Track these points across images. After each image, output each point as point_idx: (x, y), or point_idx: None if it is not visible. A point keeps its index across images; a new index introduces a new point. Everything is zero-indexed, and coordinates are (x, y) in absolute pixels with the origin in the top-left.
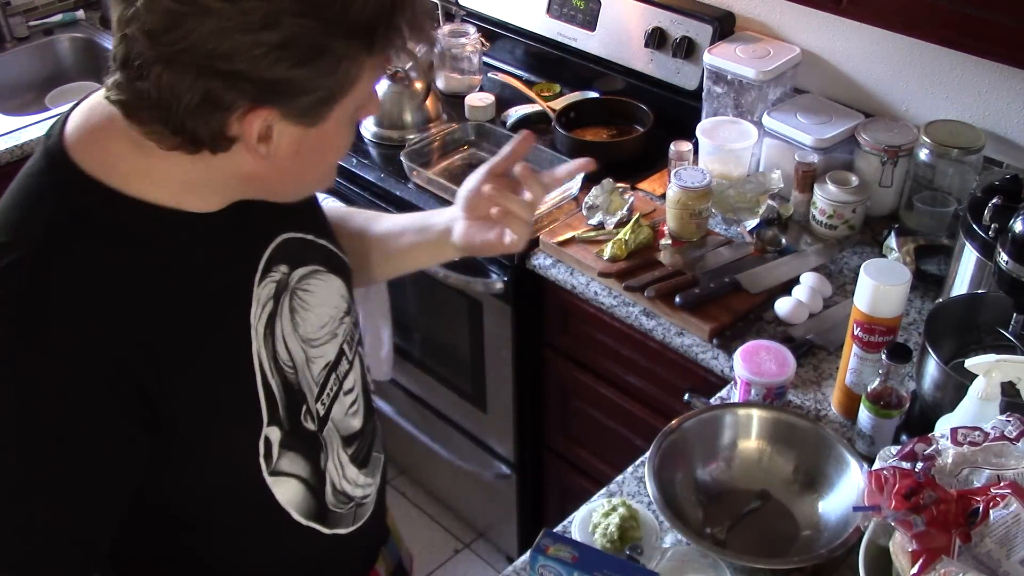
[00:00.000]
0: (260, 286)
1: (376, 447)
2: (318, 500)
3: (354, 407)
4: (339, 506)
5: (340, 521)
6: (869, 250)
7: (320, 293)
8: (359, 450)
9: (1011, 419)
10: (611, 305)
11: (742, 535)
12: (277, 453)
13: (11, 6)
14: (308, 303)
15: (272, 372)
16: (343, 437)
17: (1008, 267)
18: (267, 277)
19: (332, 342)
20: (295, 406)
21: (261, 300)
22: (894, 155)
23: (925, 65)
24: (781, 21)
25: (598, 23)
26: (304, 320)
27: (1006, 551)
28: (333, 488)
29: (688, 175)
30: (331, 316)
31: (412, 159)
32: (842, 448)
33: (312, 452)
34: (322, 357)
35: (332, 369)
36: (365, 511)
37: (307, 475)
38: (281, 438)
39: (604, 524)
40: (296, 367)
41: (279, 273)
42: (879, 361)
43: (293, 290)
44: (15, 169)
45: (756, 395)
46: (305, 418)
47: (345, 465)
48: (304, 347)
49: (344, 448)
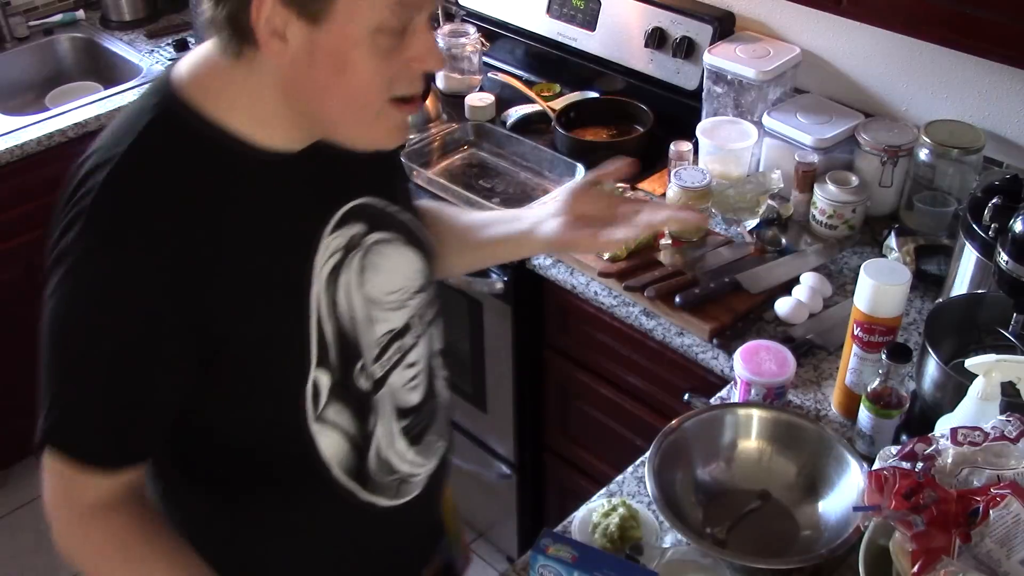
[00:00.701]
0: (331, 236)
1: (436, 431)
2: (360, 460)
3: (414, 382)
4: (381, 474)
5: (380, 490)
6: (869, 250)
7: (394, 260)
8: (413, 426)
9: (1011, 419)
10: (611, 305)
11: (742, 535)
12: (325, 399)
13: (11, 6)
14: (379, 266)
15: (328, 317)
16: (398, 408)
17: (1008, 267)
18: (340, 230)
19: (400, 312)
20: (349, 359)
21: (330, 248)
22: (894, 155)
23: (925, 65)
24: (781, 21)
25: (598, 23)
26: (372, 281)
27: (1006, 551)
28: (378, 455)
29: (688, 175)
30: (402, 286)
31: (412, 159)
32: (842, 448)
33: (361, 410)
34: (386, 322)
35: (397, 338)
36: (410, 489)
37: (352, 431)
38: (331, 386)
39: (604, 524)
40: (355, 321)
41: (354, 229)
42: (879, 361)
43: (367, 249)
44: (15, 169)
45: (756, 395)
46: (359, 376)
47: (395, 436)
48: (367, 306)
49: (397, 419)
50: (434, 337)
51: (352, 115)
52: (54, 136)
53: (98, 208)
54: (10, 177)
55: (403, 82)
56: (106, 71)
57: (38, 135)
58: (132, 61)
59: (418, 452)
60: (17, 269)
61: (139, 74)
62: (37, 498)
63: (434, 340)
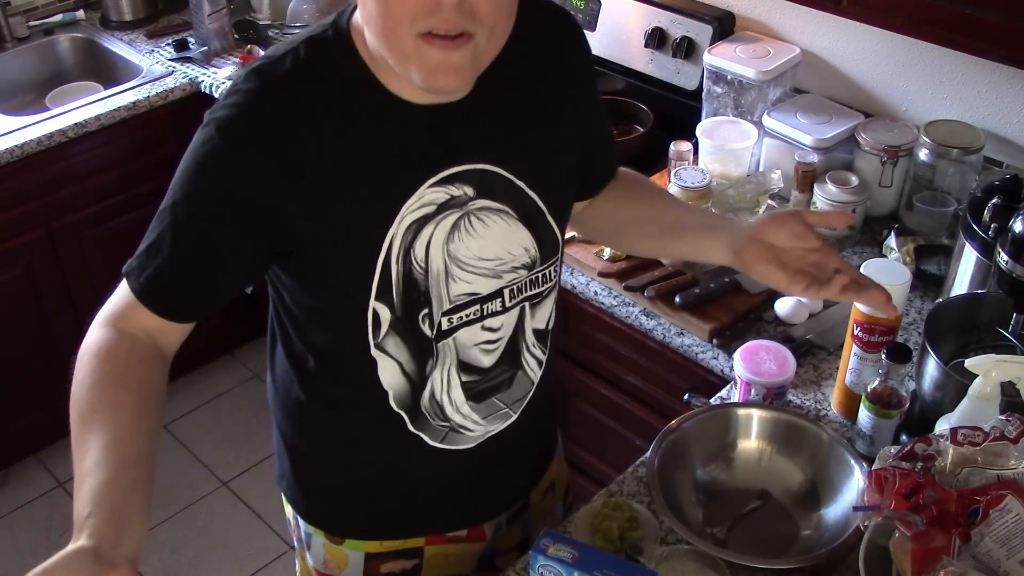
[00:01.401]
0: (428, 188)
1: (506, 400)
2: (414, 396)
3: (491, 346)
4: (431, 416)
5: (428, 429)
6: (869, 250)
7: (495, 231)
8: (477, 384)
9: (1011, 419)
10: (611, 305)
11: (742, 535)
12: (385, 331)
13: (11, 6)
14: (476, 231)
15: (398, 260)
16: (461, 361)
17: (1008, 267)
18: (442, 187)
19: (489, 279)
20: (413, 303)
21: (423, 199)
22: (894, 155)
23: (925, 65)
24: (781, 21)
25: (598, 23)
26: (463, 242)
27: (1006, 551)
28: (431, 396)
29: (688, 175)
30: (498, 256)
31: None
32: (842, 448)
33: (421, 352)
34: (469, 284)
35: (480, 302)
36: (460, 440)
37: (409, 369)
38: (391, 320)
39: (604, 524)
40: (428, 271)
41: (460, 191)
42: (879, 361)
43: (468, 212)
44: (15, 169)
45: (756, 395)
46: (423, 320)
47: (453, 386)
48: (449, 262)
49: (459, 371)
50: (533, 315)
51: (391, 51)
52: (54, 136)
53: (230, 90)
54: (10, 177)
55: (424, 17)
56: (106, 71)
57: (38, 135)
58: (132, 61)
59: (476, 410)
60: (17, 269)
61: (139, 74)
62: (37, 498)
63: (532, 318)
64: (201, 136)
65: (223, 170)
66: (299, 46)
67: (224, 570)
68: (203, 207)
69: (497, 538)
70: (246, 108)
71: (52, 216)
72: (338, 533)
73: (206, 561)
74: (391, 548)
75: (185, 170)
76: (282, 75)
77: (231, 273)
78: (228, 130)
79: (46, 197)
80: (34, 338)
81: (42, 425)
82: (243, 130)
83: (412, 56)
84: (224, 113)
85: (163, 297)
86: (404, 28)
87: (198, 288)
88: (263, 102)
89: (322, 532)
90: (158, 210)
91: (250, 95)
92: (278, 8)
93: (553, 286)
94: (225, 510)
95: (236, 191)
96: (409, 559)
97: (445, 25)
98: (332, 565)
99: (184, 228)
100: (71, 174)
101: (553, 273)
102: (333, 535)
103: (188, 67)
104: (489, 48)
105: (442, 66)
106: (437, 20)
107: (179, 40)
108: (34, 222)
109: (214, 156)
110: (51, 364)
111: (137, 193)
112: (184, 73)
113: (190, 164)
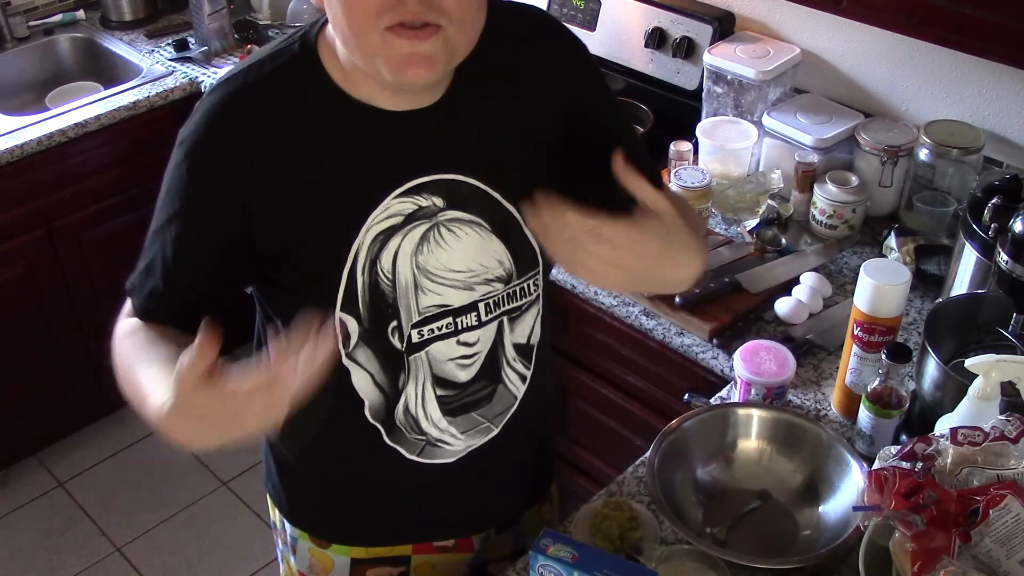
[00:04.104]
0: (395, 199)
1: (486, 415)
2: (388, 408)
3: (467, 361)
4: (406, 429)
5: (404, 443)
6: (869, 250)
7: (467, 242)
8: (454, 399)
9: (1011, 419)
10: (611, 305)
11: (742, 535)
12: (355, 342)
13: (11, 6)
14: (446, 243)
15: (364, 271)
16: (436, 376)
17: (1008, 267)
18: (410, 197)
19: (461, 291)
20: (381, 315)
21: (390, 210)
22: (894, 155)
23: (925, 65)
24: (781, 21)
25: (598, 23)
26: (432, 253)
27: (1006, 551)
28: (406, 410)
29: (688, 175)
30: (470, 268)
31: None
32: (842, 448)
33: (392, 365)
34: (439, 296)
35: (453, 315)
36: (439, 454)
37: (380, 380)
38: (360, 331)
39: (604, 524)
40: (395, 283)
41: (428, 202)
42: (879, 361)
43: (438, 223)
44: (15, 169)
45: (756, 395)
46: (392, 333)
47: (428, 400)
48: (418, 273)
49: (435, 386)
50: (513, 330)
51: (360, 49)
52: (54, 136)
53: (197, 105)
54: (10, 177)
55: (388, 10)
56: (106, 71)
57: (38, 135)
58: (132, 61)
59: (453, 423)
60: (17, 269)
61: (139, 74)
62: (37, 498)
63: (512, 332)
64: (173, 159)
65: (192, 190)
66: (264, 59)
67: (224, 570)
68: (183, 229)
69: (487, 547)
70: (209, 125)
71: (52, 216)
72: (323, 538)
73: (206, 561)
74: (377, 555)
75: (164, 192)
76: (244, 88)
77: (223, 284)
78: (192, 153)
79: (46, 197)
80: (34, 338)
81: (42, 425)
82: (206, 146)
83: (380, 50)
84: (187, 132)
85: (163, 315)
86: (369, 23)
87: (194, 303)
88: (225, 115)
89: (307, 536)
90: (150, 229)
91: (214, 109)
92: (278, 8)
93: (534, 300)
94: (225, 510)
95: (208, 208)
96: (395, 566)
97: (410, 17)
98: (318, 569)
99: (169, 251)
100: (71, 174)
101: (533, 287)
102: (319, 539)
103: (188, 67)
104: (460, 41)
105: (412, 57)
106: (402, 12)
107: (179, 40)
108: (34, 222)
109: (183, 178)
110: (51, 364)
111: (137, 193)
112: (184, 73)
113: (167, 186)
